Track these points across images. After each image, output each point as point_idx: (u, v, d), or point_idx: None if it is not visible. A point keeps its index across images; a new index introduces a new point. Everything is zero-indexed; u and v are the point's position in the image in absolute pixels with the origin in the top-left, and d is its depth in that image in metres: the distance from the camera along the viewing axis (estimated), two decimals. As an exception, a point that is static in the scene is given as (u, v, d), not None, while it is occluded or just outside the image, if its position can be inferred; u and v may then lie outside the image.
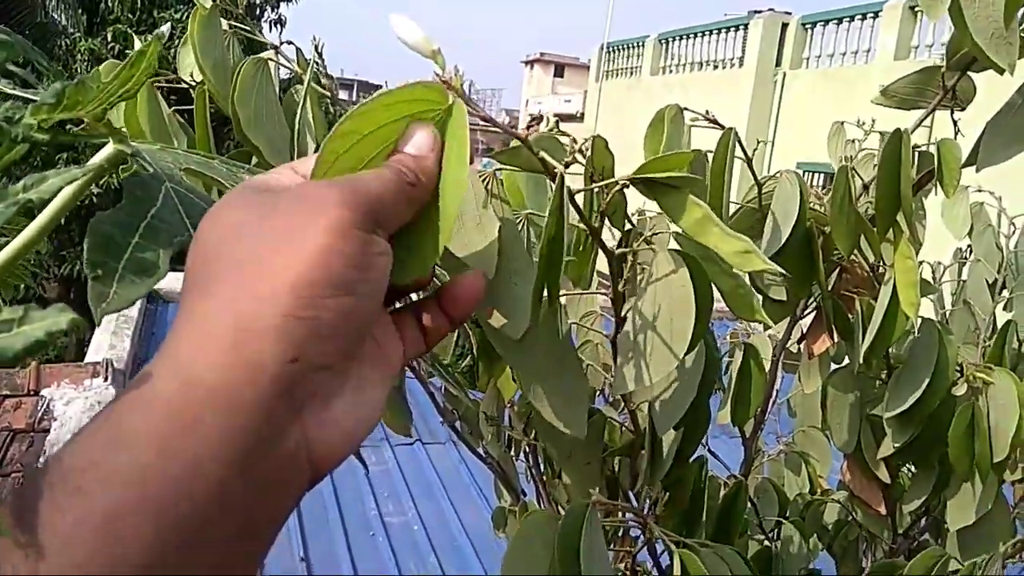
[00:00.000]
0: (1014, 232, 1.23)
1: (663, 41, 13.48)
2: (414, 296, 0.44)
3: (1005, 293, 1.24)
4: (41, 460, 3.43)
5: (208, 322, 0.30)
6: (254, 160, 0.80)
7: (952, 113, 0.78)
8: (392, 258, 0.35)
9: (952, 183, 0.74)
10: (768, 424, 1.54)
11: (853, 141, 1.18)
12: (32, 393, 4.15)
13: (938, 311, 1.27)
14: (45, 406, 3.98)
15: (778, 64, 11.16)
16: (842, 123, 1.19)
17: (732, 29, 11.94)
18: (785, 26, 11.13)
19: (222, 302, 0.31)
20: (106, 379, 4.38)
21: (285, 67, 0.85)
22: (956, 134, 0.78)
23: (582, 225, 0.57)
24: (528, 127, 0.47)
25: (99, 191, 7.79)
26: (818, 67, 10.66)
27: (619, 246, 0.67)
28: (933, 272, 1.30)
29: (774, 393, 1.09)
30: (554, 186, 0.44)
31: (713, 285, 0.57)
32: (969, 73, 0.75)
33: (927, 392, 0.81)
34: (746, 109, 10.89)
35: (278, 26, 9.90)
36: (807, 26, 10.90)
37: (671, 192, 0.48)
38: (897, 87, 0.79)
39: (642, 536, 0.75)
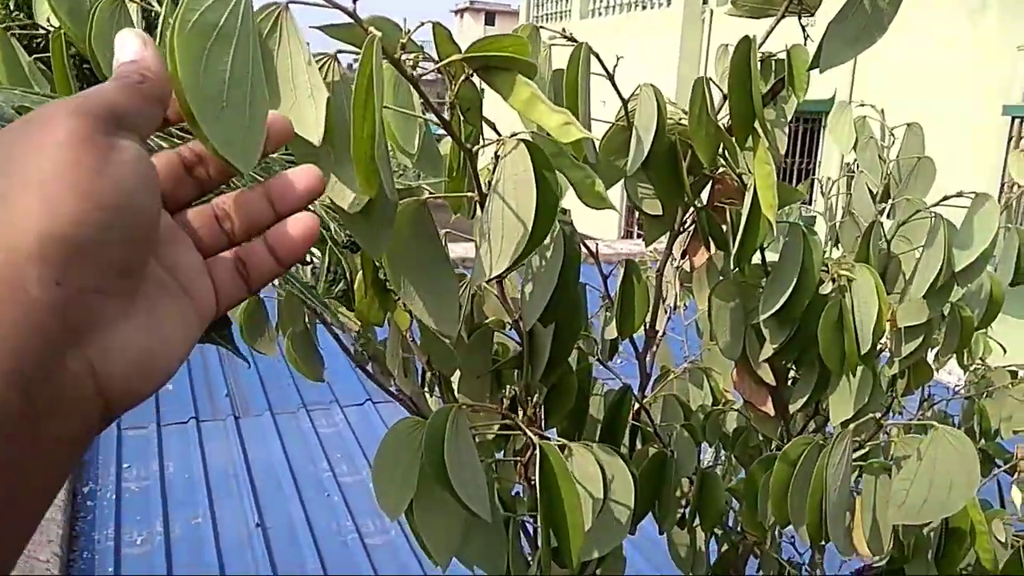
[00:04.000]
0: (894, 142, 1.28)
1: (591, -16, 13.39)
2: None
3: (890, 202, 1.30)
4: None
5: None
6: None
7: (800, 19, 0.81)
8: (149, 165, 0.34)
9: (802, 87, 0.78)
10: (680, 347, 1.60)
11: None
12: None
13: (827, 222, 1.32)
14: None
15: (705, 1, 11.18)
16: (726, 46, 1.21)
17: (659, -31, 11.90)
18: (711, -37, 11.14)
19: None
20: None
21: (147, 7, 0.84)
22: (805, 40, 0.81)
23: (434, 119, 0.58)
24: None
25: None
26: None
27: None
28: (822, 186, 1.35)
29: (671, 310, 1.14)
30: (370, 56, 0.45)
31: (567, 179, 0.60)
32: (814, -21, 0.77)
33: (796, 291, 0.85)
34: (676, 49, 10.93)
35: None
36: (732, -38, 10.93)
37: (503, 74, 0.50)
38: (747, -3, 0.82)
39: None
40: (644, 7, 12.21)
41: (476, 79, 0.62)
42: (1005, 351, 1.77)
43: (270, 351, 1.10)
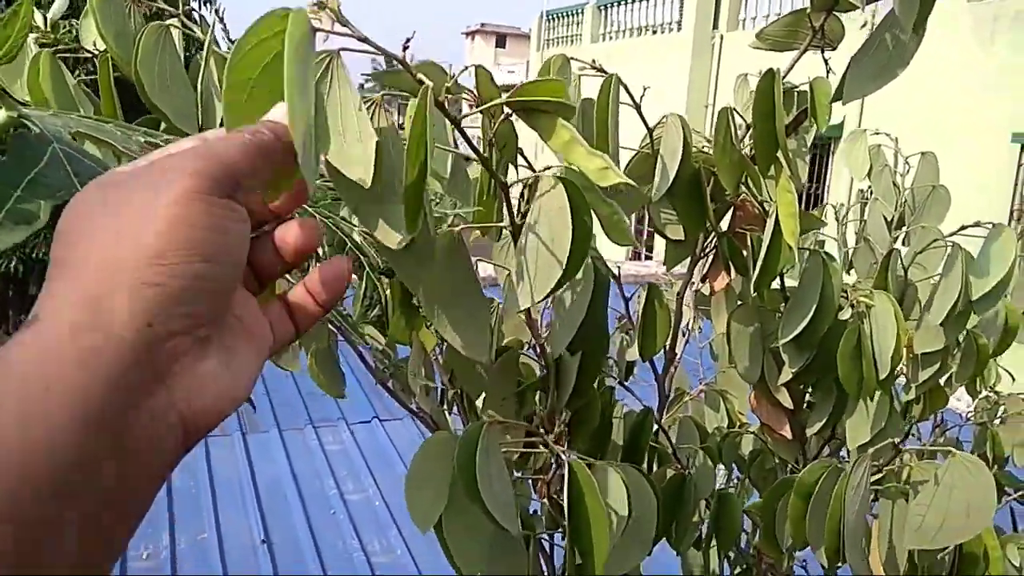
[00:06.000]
0: (908, 170, 1.30)
1: (602, 8, 13.50)
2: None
3: (905, 229, 1.32)
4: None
5: (64, 293, 0.31)
6: (163, 126, 0.82)
7: (823, 53, 0.83)
8: (246, 226, 0.36)
9: (824, 118, 0.80)
10: (694, 369, 1.61)
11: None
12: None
13: (841, 249, 1.34)
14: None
15: (715, 27, 11.27)
16: (745, 76, 1.24)
17: (669, -6, 12.01)
18: (721, -12, 11.24)
19: (78, 274, 0.32)
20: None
21: (188, 33, 0.87)
22: (828, 72, 0.83)
23: (473, 155, 0.61)
24: (403, 48, 0.51)
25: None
26: (754, 28, 10.79)
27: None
28: (836, 212, 1.37)
29: (687, 333, 1.15)
30: (423, 105, 0.47)
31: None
32: (837, 13, 0.80)
33: (815, 317, 0.87)
34: (686, 73, 11.00)
35: (208, 3, 9.60)
36: (742, -13, 11.03)
37: (544, 116, 0.53)
38: (771, 30, 0.84)
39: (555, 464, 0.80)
40: (654, 32, 12.31)
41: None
42: (1014, 379, 1.78)
43: (294, 367, 1.12)
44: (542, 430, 0.71)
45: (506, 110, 0.59)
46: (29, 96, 0.79)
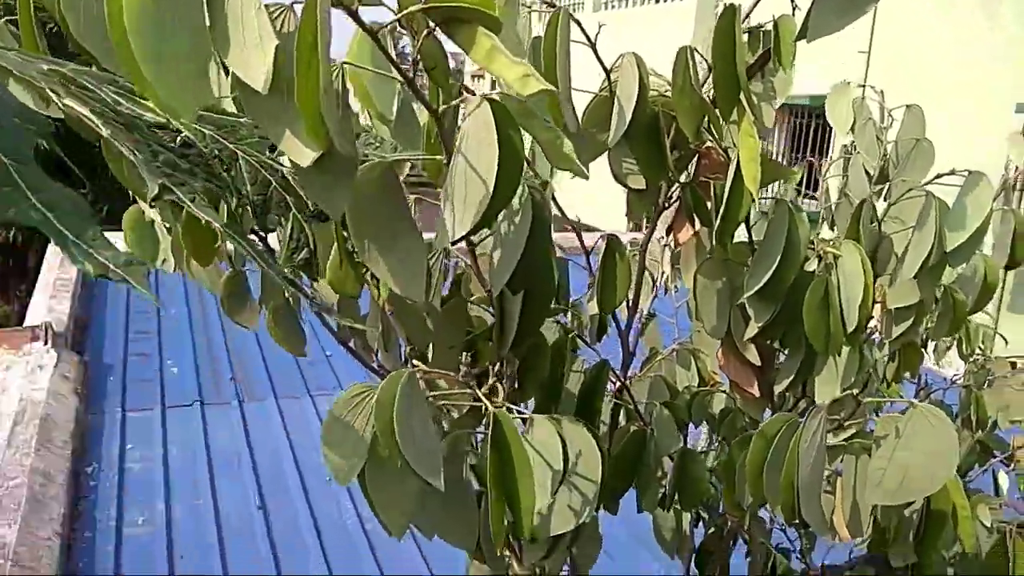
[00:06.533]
0: (892, 123, 1.25)
1: (605, -25, 13.32)
2: None
3: (888, 184, 1.27)
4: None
5: None
6: (94, 67, 0.79)
7: (788, -11, 0.79)
8: None
9: (788, 58, 0.75)
10: (670, 329, 1.58)
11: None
12: (-31, 360, 4.05)
13: (822, 205, 1.30)
14: (-16, 372, 3.91)
15: (720, -7, 11.10)
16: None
17: (673, -41, 11.81)
18: (725, -46, 11.04)
19: None
20: (46, 343, 4.31)
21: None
22: (794, 10, 0.79)
23: (398, 77, 0.57)
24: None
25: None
26: (759, -5, 10.61)
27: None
28: (820, 166, 1.33)
29: (655, 290, 1.12)
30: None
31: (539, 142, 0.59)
32: (802, -53, 0.75)
33: (780, 266, 0.84)
34: (689, 41, 10.86)
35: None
36: (747, -47, 10.83)
37: (465, 27, 0.50)
38: (733, -35, 0.79)
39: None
40: (657, 1, 12.14)
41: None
42: (1007, 343, 1.75)
43: (251, 323, 1.09)
44: (476, 381, 0.68)
45: (429, 25, 0.55)
46: (-50, 35, 0.75)
